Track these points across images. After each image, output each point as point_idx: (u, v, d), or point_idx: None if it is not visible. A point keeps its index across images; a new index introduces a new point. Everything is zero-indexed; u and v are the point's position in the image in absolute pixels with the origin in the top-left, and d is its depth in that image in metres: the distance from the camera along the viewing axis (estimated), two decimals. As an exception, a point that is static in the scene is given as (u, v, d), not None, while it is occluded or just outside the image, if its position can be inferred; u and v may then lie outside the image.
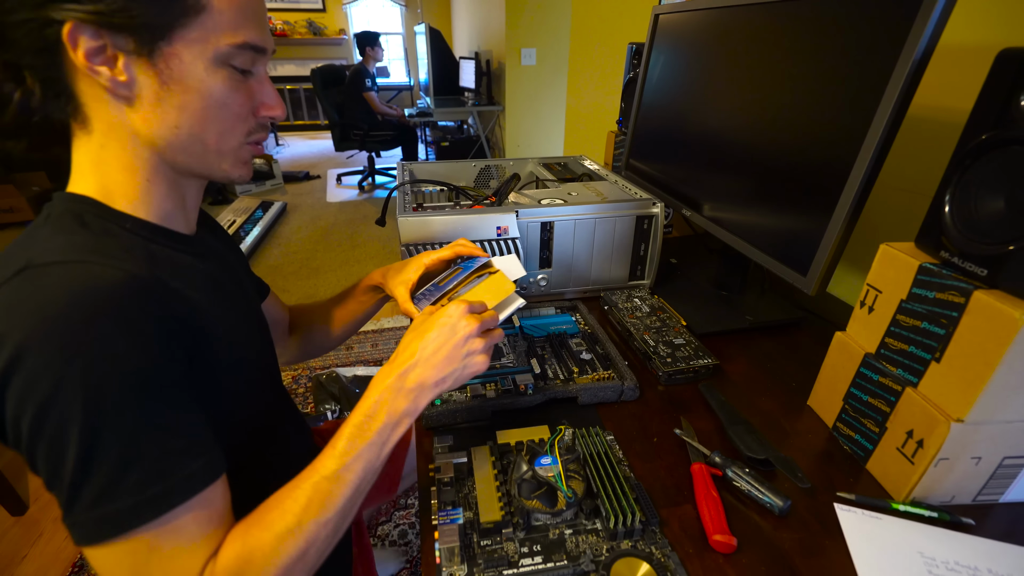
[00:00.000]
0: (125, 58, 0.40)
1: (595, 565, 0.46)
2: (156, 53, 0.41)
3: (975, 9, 0.69)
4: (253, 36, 0.44)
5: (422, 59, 4.98)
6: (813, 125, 0.64)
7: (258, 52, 0.46)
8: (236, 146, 0.48)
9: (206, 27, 0.41)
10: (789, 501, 0.51)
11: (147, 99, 0.42)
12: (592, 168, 1.14)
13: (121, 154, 0.45)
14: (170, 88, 0.42)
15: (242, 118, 0.47)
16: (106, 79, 0.40)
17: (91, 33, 0.38)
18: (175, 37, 0.41)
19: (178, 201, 0.50)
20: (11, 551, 1.36)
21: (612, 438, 0.61)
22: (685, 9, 0.92)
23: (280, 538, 0.40)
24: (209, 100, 0.44)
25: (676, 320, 0.81)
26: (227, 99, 0.45)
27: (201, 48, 0.42)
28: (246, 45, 0.44)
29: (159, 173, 0.47)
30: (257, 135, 0.50)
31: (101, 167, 0.45)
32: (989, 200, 0.45)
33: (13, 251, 0.40)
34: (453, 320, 0.48)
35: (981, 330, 0.45)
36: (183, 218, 0.52)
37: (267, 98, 0.49)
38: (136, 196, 0.46)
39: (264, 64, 0.49)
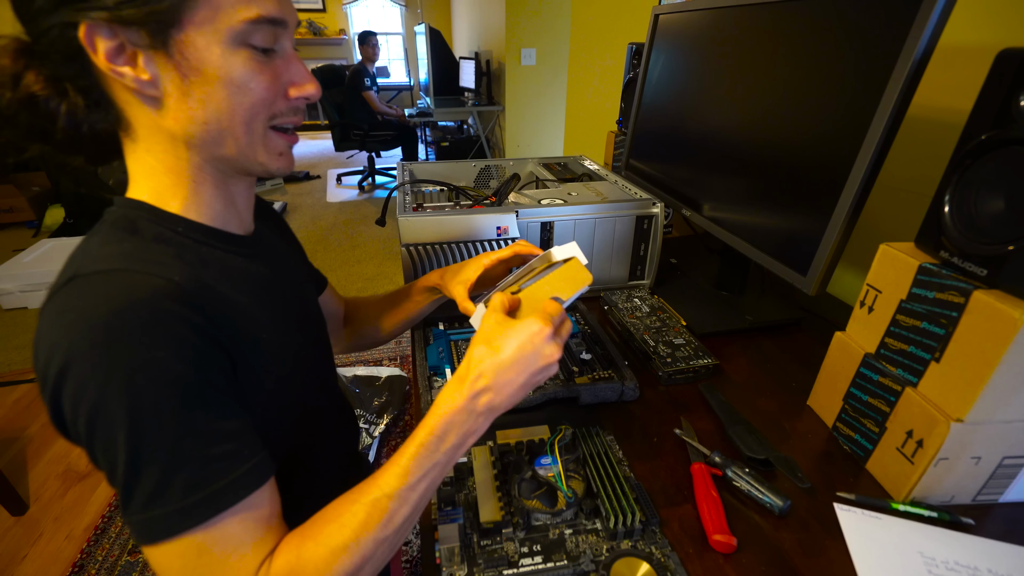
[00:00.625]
0: (144, 54, 0.39)
1: (595, 565, 0.46)
2: (170, 43, 0.39)
3: (975, 9, 0.69)
4: (268, 8, 0.41)
5: (422, 59, 4.98)
6: (813, 125, 0.64)
7: (278, 25, 0.42)
8: (263, 133, 0.45)
9: (213, 5, 0.39)
10: (789, 501, 0.51)
11: (173, 96, 0.41)
12: (592, 168, 1.14)
13: (164, 157, 0.44)
14: (191, 80, 0.40)
15: (268, 101, 0.44)
16: (131, 80, 0.39)
17: (106, 32, 0.38)
18: (184, 22, 0.39)
19: (228, 201, 0.49)
20: (11, 551, 1.36)
21: (612, 438, 0.61)
22: (685, 9, 0.92)
23: (335, 553, 0.39)
24: (230, 86, 0.41)
25: (676, 320, 0.81)
26: (249, 82, 0.42)
27: (213, 29, 0.39)
28: (262, 19, 0.41)
29: (203, 173, 0.46)
30: (287, 118, 0.47)
31: (150, 172, 0.45)
32: (989, 200, 0.45)
33: (69, 260, 0.41)
34: (537, 346, 0.43)
35: (981, 330, 0.45)
36: (236, 218, 0.51)
37: (296, 76, 0.45)
38: (186, 198, 0.46)
39: (288, 38, 0.45)
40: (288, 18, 0.43)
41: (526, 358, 0.43)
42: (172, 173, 0.45)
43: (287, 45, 0.45)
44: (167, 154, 0.44)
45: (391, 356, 2.18)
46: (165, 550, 0.37)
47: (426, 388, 0.66)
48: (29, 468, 1.62)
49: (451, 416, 0.42)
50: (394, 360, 2.15)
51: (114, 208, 0.45)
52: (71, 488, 1.55)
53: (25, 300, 2.46)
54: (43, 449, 1.69)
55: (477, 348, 0.44)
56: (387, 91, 6.17)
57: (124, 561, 1.33)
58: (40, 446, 1.70)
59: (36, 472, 1.61)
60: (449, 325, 0.80)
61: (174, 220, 0.45)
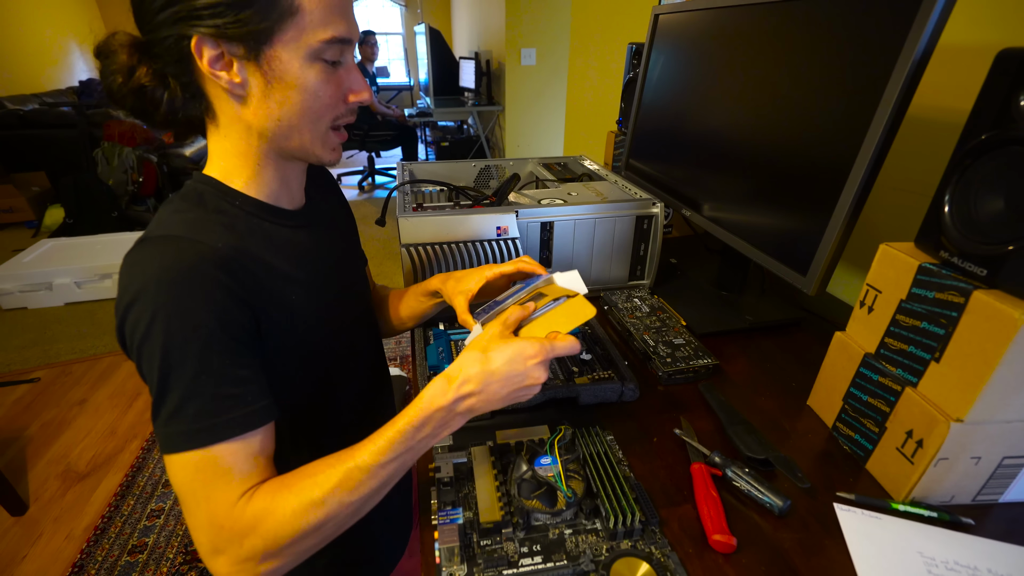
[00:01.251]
0: (238, 63, 0.48)
1: (595, 565, 0.46)
2: (261, 56, 0.47)
3: (975, 9, 0.69)
4: (341, 30, 0.49)
5: (422, 59, 4.98)
6: (813, 125, 0.64)
7: (345, 44, 0.51)
8: (324, 132, 0.54)
9: (299, 27, 0.47)
10: (789, 501, 0.51)
11: (256, 96, 0.50)
12: (592, 168, 1.14)
13: (239, 143, 0.53)
14: (273, 86, 0.49)
15: (332, 106, 0.53)
16: (225, 82, 0.48)
17: (212, 44, 0.46)
18: (275, 40, 0.47)
19: (283, 181, 0.58)
20: (11, 551, 1.36)
21: (612, 438, 0.61)
22: (685, 9, 0.92)
23: (303, 505, 0.44)
24: (305, 93, 0.50)
25: (676, 320, 0.81)
26: (320, 90, 0.51)
27: (296, 47, 0.48)
28: (334, 39, 0.49)
29: (267, 158, 0.55)
30: (345, 119, 0.56)
31: (224, 154, 0.54)
32: (989, 200, 0.45)
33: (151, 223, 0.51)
34: (527, 367, 0.47)
35: (981, 330, 0.45)
36: (287, 195, 0.59)
37: (355, 85, 0.54)
38: (249, 177, 0.55)
39: (351, 53, 0.53)
40: (354, 37, 0.52)
41: (514, 375, 0.47)
42: (242, 156, 0.54)
43: (349, 58, 0.53)
44: (241, 140, 0.53)
45: (391, 356, 2.17)
46: (174, 460, 0.45)
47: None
48: (29, 468, 1.62)
49: (432, 412, 0.46)
50: (394, 360, 2.15)
51: (190, 182, 0.55)
52: (71, 488, 1.55)
53: (25, 300, 2.46)
54: (43, 449, 1.69)
55: (471, 353, 0.48)
56: (387, 91, 6.17)
57: (124, 561, 1.33)
58: (40, 446, 1.70)
59: (36, 472, 1.60)
60: (449, 325, 0.80)
61: (234, 195, 0.54)
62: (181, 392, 0.45)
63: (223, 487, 0.45)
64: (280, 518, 0.44)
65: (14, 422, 1.80)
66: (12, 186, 3.41)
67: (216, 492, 0.45)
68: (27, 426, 1.78)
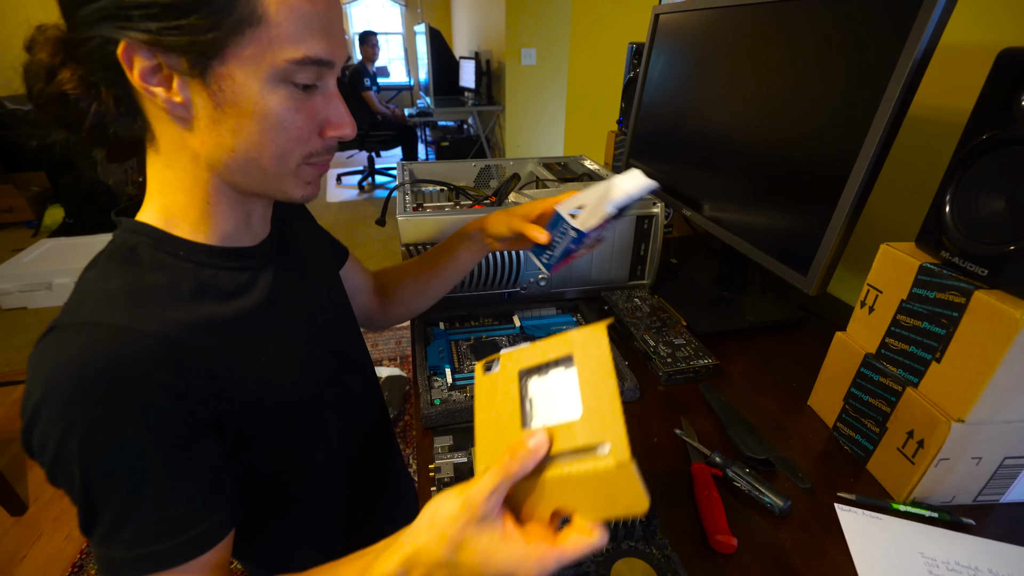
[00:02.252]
0: (179, 79, 0.38)
1: (595, 565, 0.46)
2: (209, 73, 0.38)
3: (975, 9, 0.69)
4: (317, 48, 0.39)
5: (422, 59, 4.99)
6: (813, 125, 0.64)
7: (323, 66, 0.40)
8: (294, 168, 0.44)
9: (262, 42, 0.37)
10: (789, 501, 0.51)
11: (203, 121, 0.40)
12: (592, 168, 1.14)
13: (184, 175, 0.44)
14: (224, 111, 0.39)
15: (302, 140, 0.43)
16: (162, 100, 0.38)
17: (145, 53, 0.37)
18: (228, 56, 0.37)
19: (242, 219, 0.48)
20: (11, 551, 1.36)
21: (612, 438, 0.60)
22: (685, 9, 0.92)
23: None
24: (265, 123, 0.40)
25: (676, 320, 0.81)
26: (285, 121, 0.41)
27: (256, 66, 0.38)
28: (308, 60, 0.39)
29: (220, 195, 0.45)
30: (320, 157, 0.45)
31: (166, 188, 0.45)
32: (989, 200, 0.45)
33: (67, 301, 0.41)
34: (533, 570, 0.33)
35: (981, 330, 0.45)
36: (248, 233, 0.50)
37: (333, 116, 0.44)
38: (197, 219, 0.45)
39: (333, 76, 0.43)
40: (335, 59, 0.41)
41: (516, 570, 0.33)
42: (188, 192, 0.44)
43: (331, 83, 0.43)
44: (186, 172, 0.43)
45: (391, 356, 2.17)
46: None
47: (426, 388, 0.66)
48: (28, 468, 1.62)
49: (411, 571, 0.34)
50: (394, 360, 2.15)
51: (119, 232, 0.45)
52: (71, 488, 1.55)
53: (24, 300, 2.46)
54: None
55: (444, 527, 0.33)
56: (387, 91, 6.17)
57: (124, 561, 1.33)
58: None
59: (36, 472, 1.60)
60: (449, 325, 0.80)
61: (177, 244, 0.45)
62: (113, 515, 0.38)
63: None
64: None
65: (14, 422, 1.80)
66: (12, 186, 3.41)
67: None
68: (27, 426, 1.78)
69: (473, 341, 0.76)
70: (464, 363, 0.71)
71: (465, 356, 0.73)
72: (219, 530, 0.42)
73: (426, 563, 0.34)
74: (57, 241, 2.82)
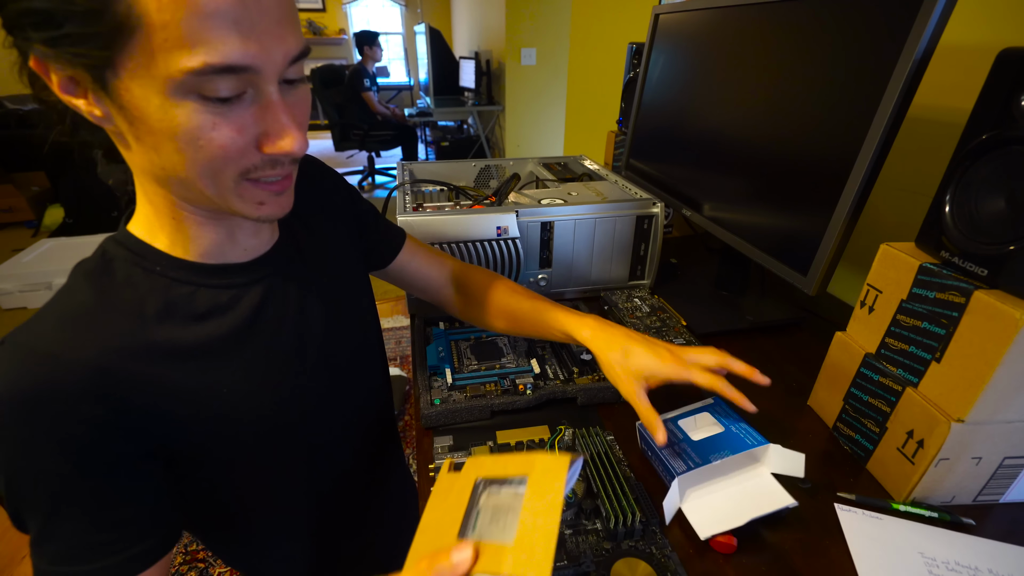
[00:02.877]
0: (92, 93, 0.35)
1: (595, 565, 0.46)
2: (110, 87, 0.34)
3: (975, 9, 0.69)
4: (225, 53, 0.32)
5: (422, 59, 4.98)
6: (813, 125, 0.64)
7: (241, 72, 0.33)
8: (233, 186, 0.38)
9: (147, 51, 0.31)
10: (796, 503, 0.51)
11: (129, 136, 0.37)
12: (592, 168, 1.14)
13: (147, 190, 0.42)
14: (137, 127, 0.35)
15: (232, 158, 0.37)
16: (86, 113, 0.36)
17: (56, 64, 0.33)
18: (119, 67, 0.32)
19: (221, 235, 0.45)
20: (11, 551, 1.36)
21: (612, 438, 0.61)
22: (685, 9, 0.92)
23: None
24: (178, 141, 0.35)
25: (676, 320, 0.81)
26: (200, 138, 0.35)
27: (149, 79, 0.32)
28: (210, 68, 0.32)
29: (183, 211, 0.42)
30: (264, 172, 0.39)
31: (143, 198, 0.43)
32: (989, 200, 0.45)
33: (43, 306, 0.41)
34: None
35: (981, 330, 0.45)
36: (235, 248, 0.46)
37: (272, 128, 0.37)
38: (171, 234, 0.43)
39: (270, 82, 0.36)
40: (259, 63, 0.34)
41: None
42: (154, 207, 0.42)
43: (268, 90, 0.36)
44: (148, 187, 0.41)
45: (391, 356, 2.17)
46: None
47: (426, 388, 0.66)
48: (29, 468, 1.62)
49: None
50: (394, 360, 2.15)
51: (105, 241, 0.44)
52: (71, 488, 1.55)
53: (24, 300, 2.46)
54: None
55: None
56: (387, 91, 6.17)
57: (124, 561, 1.33)
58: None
59: (36, 472, 1.60)
60: (449, 325, 0.80)
61: (154, 258, 0.43)
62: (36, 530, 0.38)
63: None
64: None
65: (14, 422, 1.80)
66: (12, 186, 3.41)
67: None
68: (27, 426, 1.78)
69: (473, 341, 0.76)
70: (464, 363, 0.71)
71: (465, 356, 0.73)
72: (146, 557, 0.41)
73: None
74: (57, 241, 2.82)
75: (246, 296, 0.46)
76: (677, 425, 0.58)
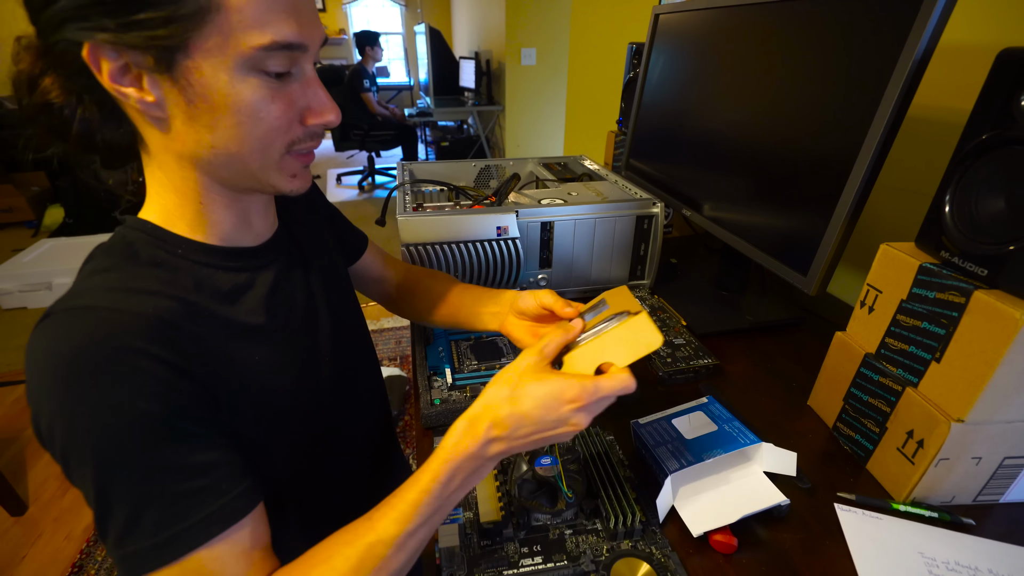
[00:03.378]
0: (148, 77, 0.37)
1: (595, 565, 0.46)
2: (176, 68, 0.36)
3: (975, 9, 0.69)
4: (285, 32, 0.37)
5: (422, 59, 4.98)
6: (813, 125, 0.64)
7: (295, 50, 0.39)
8: (278, 159, 0.43)
9: (223, 31, 0.36)
10: (788, 501, 0.51)
11: (179, 119, 0.39)
12: (592, 168, 1.14)
13: (173, 176, 0.43)
14: (197, 105, 0.38)
15: (283, 130, 0.41)
16: (135, 101, 0.38)
17: (111, 53, 0.36)
18: (192, 48, 0.36)
19: (239, 218, 0.48)
20: (11, 551, 1.36)
21: (612, 438, 0.61)
22: (685, 9, 0.92)
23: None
24: (239, 115, 0.39)
25: (676, 320, 0.81)
26: (261, 111, 0.39)
27: (221, 56, 0.36)
28: (276, 45, 0.37)
29: (211, 193, 0.44)
30: (304, 144, 0.44)
31: (161, 189, 0.44)
32: (989, 200, 0.45)
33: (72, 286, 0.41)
34: (564, 414, 0.40)
35: (981, 330, 0.45)
36: (249, 233, 0.49)
37: (314, 102, 0.42)
38: (192, 219, 0.45)
39: (309, 61, 0.41)
40: (308, 42, 0.39)
41: (548, 421, 0.40)
42: (179, 193, 0.44)
43: (307, 68, 0.42)
44: (175, 173, 0.43)
45: (391, 356, 2.17)
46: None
47: (426, 388, 0.66)
48: (28, 468, 1.62)
49: (459, 461, 0.40)
50: (394, 360, 2.15)
51: (119, 229, 0.45)
52: (70, 488, 1.55)
53: (24, 300, 2.46)
54: (42, 449, 1.68)
55: (498, 390, 0.41)
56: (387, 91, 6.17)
57: (124, 561, 1.33)
58: (39, 446, 1.69)
59: (35, 472, 1.60)
60: (449, 325, 0.80)
61: (175, 242, 0.44)
62: (131, 502, 0.36)
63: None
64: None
65: (14, 422, 1.80)
66: (12, 186, 3.41)
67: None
68: (27, 426, 1.78)
69: (473, 341, 0.76)
70: (464, 363, 0.71)
71: (465, 356, 0.73)
72: (250, 497, 0.40)
73: (490, 414, 0.40)
74: (57, 241, 2.82)
75: (260, 277, 0.49)
76: (671, 424, 0.59)
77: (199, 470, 0.38)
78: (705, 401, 0.61)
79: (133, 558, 0.36)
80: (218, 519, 0.38)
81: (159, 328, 0.39)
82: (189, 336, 0.41)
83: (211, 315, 0.44)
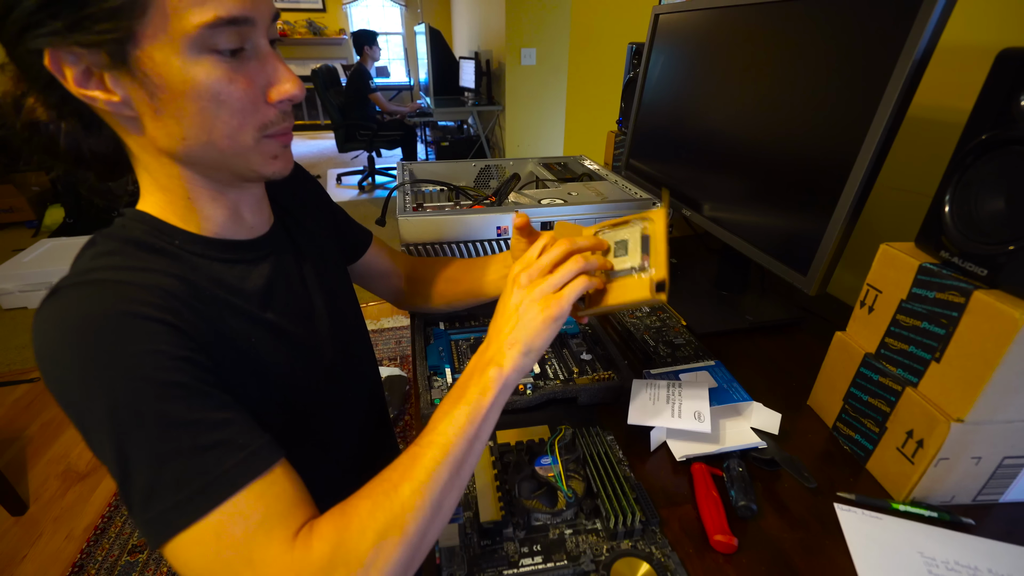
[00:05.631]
0: (109, 76, 0.37)
1: (595, 565, 0.46)
2: (131, 61, 0.37)
3: (975, 9, 0.69)
4: (228, 7, 0.37)
5: (422, 59, 4.98)
6: (813, 125, 0.64)
7: (243, 24, 0.38)
8: (253, 144, 0.43)
9: (165, 13, 0.35)
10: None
11: (147, 115, 0.39)
12: (592, 168, 1.14)
13: (159, 176, 0.44)
14: (159, 97, 0.38)
15: (250, 110, 0.41)
16: (103, 103, 0.38)
17: (70, 58, 0.36)
18: (140, 36, 0.36)
19: (229, 212, 0.48)
20: (11, 551, 1.36)
21: (612, 438, 0.61)
22: (685, 9, 0.92)
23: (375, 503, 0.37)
24: (201, 100, 0.38)
25: (676, 320, 0.81)
26: (221, 93, 0.39)
27: (169, 40, 0.36)
28: (220, 21, 0.37)
29: (198, 188, 0.45)
30: (278, 126, 0.44)
31: (152, 189, 0.46)
32: (989, 200, 0.45)
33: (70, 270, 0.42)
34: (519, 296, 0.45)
35: (981, 330, 0.45)
36: (241, 225, 0.50)
37: (273, 76, 0.42)
38: (183, 216, 0.46)
39: (262, 36, 0.41)
40: (254, 15, 0.39)
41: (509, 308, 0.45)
42: (168, 191, 0.45)
43: (262, 43, 0.41)
44: (159, 173, 0.44)
45: (391, 356, 2.17)
46: (178, 546, 0.35)
47: (426, 388, 0.66)
48: (29, 468, 1.62)
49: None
50: (394, 360, 2.15)
51: (118, 219, 0.46)
52: (71, 488, 1.55)
53: (25, 300, 2.46)
54: (43, 449, 1.69)
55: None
56: (386, 91, 6.17)
57: (124, 561, 1.33)
58: (40, 446, 1.70)
59: (36, 472, 1.60)
60: (449, 325, 0.80)
61: (172, 233, 0.45)
62: (150, 461, 0.35)
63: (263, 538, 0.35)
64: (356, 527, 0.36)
65: (14, 422, 1.80)
66: (12, 186, 3.41)
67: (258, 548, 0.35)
68: (27, 426, 1.78)
69: (473, 341, 0.76)
70: (464, 363, 0.71)
71: (465, 356, 0.73)
72: (272, 451, 0.39)
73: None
74: (57, 241, 2.82)
75: (256, 270, 0.50)
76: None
77: (215, 425, 0.38)
78: (713, 364, 0.69)
79: (165, 515, 0.35)
80: (249, 465, 0.37)
81: (165, 298, 0.40)
82: (192, 310, 0.42)
83: (212, 296, 0.45)
